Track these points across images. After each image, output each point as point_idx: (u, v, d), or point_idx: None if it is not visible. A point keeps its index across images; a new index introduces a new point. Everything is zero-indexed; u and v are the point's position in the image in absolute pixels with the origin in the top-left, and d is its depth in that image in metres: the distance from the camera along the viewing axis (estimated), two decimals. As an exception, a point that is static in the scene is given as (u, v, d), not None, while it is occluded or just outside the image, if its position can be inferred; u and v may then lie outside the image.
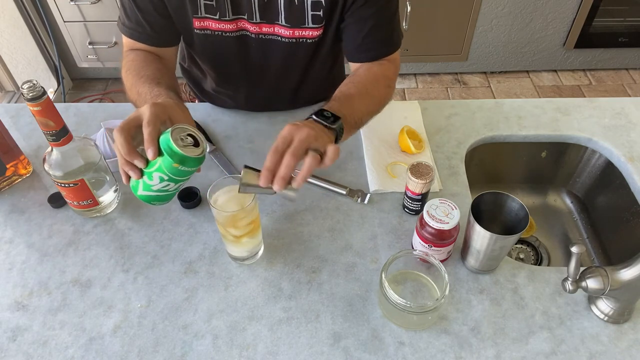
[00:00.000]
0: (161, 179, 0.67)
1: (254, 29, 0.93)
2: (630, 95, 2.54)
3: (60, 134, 0.78)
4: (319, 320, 0.76)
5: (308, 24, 0.91)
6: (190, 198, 0.92)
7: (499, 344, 0.73)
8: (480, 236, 0.74)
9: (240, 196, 0.77)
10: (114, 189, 0.92)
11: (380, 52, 0.95)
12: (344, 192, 0.95)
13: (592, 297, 0.78)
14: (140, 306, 0.79)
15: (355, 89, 0.88)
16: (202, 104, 1.17)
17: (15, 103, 1.53)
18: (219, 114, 1.13)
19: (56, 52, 2.43)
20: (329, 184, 0.95)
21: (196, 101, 1.23)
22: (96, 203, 0.89)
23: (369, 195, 0.94)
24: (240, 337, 0.75)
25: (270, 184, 0.67)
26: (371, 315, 0.77)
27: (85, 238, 0.88)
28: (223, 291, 0.80)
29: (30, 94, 0.71)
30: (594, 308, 0.77)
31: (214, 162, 1.00)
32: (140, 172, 0.68)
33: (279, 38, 0.94)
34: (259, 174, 0.67)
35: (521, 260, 1.08)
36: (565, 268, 0.74)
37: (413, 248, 0.84)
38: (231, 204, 0.77)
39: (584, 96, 2.54)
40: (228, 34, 0.93)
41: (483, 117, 1.11)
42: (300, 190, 0.69)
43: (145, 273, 0.83)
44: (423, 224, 0.78)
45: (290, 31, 0.92)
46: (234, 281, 0.82)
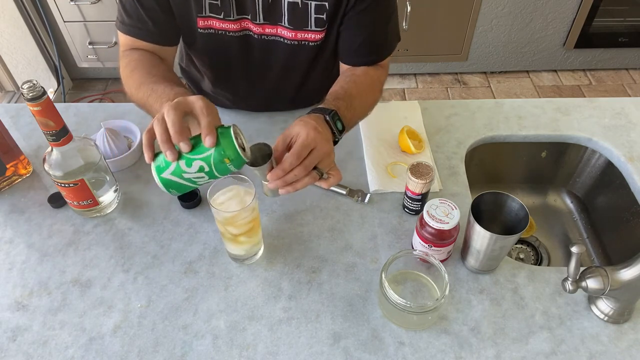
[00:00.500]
0: (200, 169, 0.65)
1: (257, 30, 0.93)
2: (630, 95, 2.54)
3: (60, 134, 0.78)
4: (319, 320, 0.76)
5: (311, 27, 0.91)
6: (191, 198, 0.92)
7: (499, 344, 0.73)
8: (480, 236, 0.74)
9: (240, 196, 0.77)
10: (114, 189, 0.92)
11: (375, 58, 0.97)
12: (344, 192, 0.95)
13: (592, 297, 0.78)
14: (140, 306, 0.79)
15: (356, 90, 0.88)
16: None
17: (15, 103, 1.53)
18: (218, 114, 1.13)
19: (56, 52, 2.43)
20: (329, 184, 0.96)
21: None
22: (96, 203, 0.89)
23: (369, 195, 0.94)
24: (240, 337, 0.75)
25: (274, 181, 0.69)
26: (371, 315, 0.77)
27: (85, 238, 0.88)
28: (223, 291, 0.80)
29: (30, 94, 0.71)
30: (594, 308, 0.77)
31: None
32: (177, 156, 0.65)
33: (282, 40, 0.94)
34: (269, 164, 0.69)
35: (521, 260, 1.08)
36: (565, 268, 0.74)
37: (413, 248, 0.84)
38: (231, 203, 0.77)
39: (584, 96, 2.54)
40: (231, 33, 0.93)
41: (483, 117, 1.11)
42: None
43: (145, 273, 0.83)
44: (423, 224, 0.78)
45: (293, 33, 0.92)
46: (234, 281, 0.82)
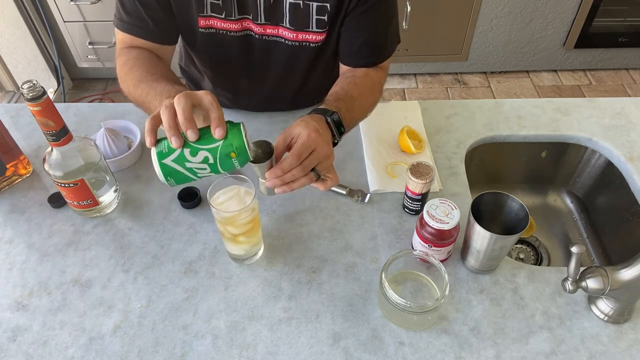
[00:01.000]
0: (205, 160, 0.65)
1: (258, 30, 0.93)
2: (630, 95, 2.54)
3: (60, 134, 0.78)
4: (319, 320, 0.76)
5: (312, 28, 0.91)
6: (191, 198, 0.92)
7: (499, 344, 0.73)
8: (480, 236, 0.74)
9: (240, 196, 0.77)
10: (114, 189, 0.92)
11: (375, 60, 0.97)
12: (344, 192, 0.95)
13: (592, 297, 0.78)
14: (140, 306, 0.79)
15: (357, 91, 0.89)
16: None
17: (15, 103, 1.53)
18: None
19: (56, 52, 2.43)
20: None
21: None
22: (96, 203, 0.89)
23: (369, 195, 0.94)
24: (240, 337, 0.75)
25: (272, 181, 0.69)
26: (371, 315, 0.77)
27: (85, 238, 0.88)
28: (223, 291, 0.80)
29: (30, 94, 0.71)
30: (594, 308, 0.77)
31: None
32: (183, 143, 0.65)
33: (283, 40, 0.94)
34: (269, 162, 0.69)
35: (521, 260, 1.08)
36: (565, 268, 0.74)
37: (413, 248, 0.84)
38: (231, 203, 0.77)
39: (584, 96, 2.54)
40: (232, 33, 0.93)
41: (483, 117, 1.11)
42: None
43: (145, 273, 0.83)
44: (423, 224, 0.78)
45: (294, 34, 0.92)
46: (234, 281, 0.82)
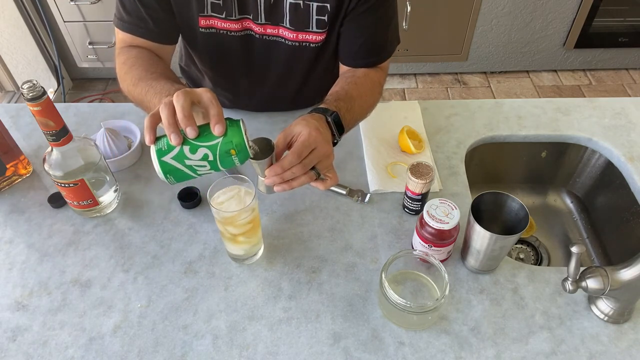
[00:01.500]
0: (204, 157, 0.64)
1: (259, 30, 0.93)
2: (630, 95, 2.54)
3: (60, 134, 0.78)
4: (319, 320, 0.76)
5: (312, 28, 0.91)
6: (191, 198, 0.92)
7: (499, 344, 0.73)
8: (480, 236, 0.74)
9: (240, 196, 0.77)
10: (114, 189, 0.92)
11: (375, 60, 0.97)
12: (344, 192, 0.95)
13: (592, 297, 0.78)
14: (140, 306, 0.79)
15: (357, 91, 0.89)
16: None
17: (15, 103, 1.53)
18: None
19: (56, 52, 2.43)
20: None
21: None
22: (96, 203, 0.89)
23: (369, 195, 0.94)
24: (240, 337, 0.75)
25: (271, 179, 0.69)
26: (371, 315, 0.77)
27: (85, 238, 0.88)
28: (223, 291, 0.80)
29: (30, 94, 0.71)
30: (594, 308, 0.77)
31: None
32: (182, 140, 0.65)
33: (283, 40, 0.94)
34: (269, 159, 0.69)
35: (521, 260, 1.08)
36: (565, 268, 0.74)
37: (413, 248, 0.84)
38: (231, 203, 0.77)
39: (584, 96, 2.54)
40: (233, 33, 0.93)
41: (483, 117, 1.11)
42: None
43: (145, 273, 0.83)
44: (423, 224, 0.78)
45: (294, 34, 0.92)
46: (234, 281, 0.82)
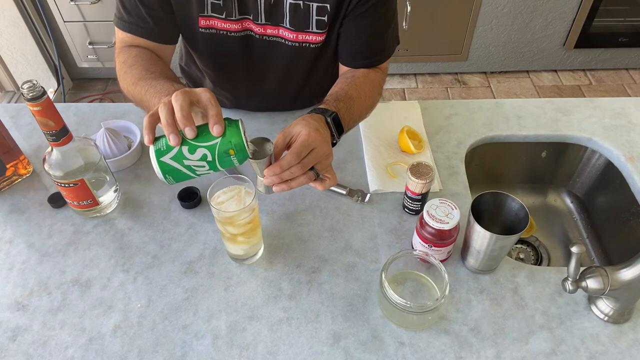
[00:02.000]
0: (203, 157, 0.64)
1: (259, 30, 0.93)
2: (630, 95, 2.54)
3: (60, 134, 0.78)
4: (319, 320, 0.76)
5: (312, 29, 0.91)
6: (190, 198, 0.92)
7: (499, 344, 0.73)
8: (480, 236, 0.74)
9: (240, 196, 0.77)
10: (114, 189, 0.92)
11: (375, 61, 0.97)
12: (344, 192, 0.95)
13: (592, 297, 0.78)
14: (140, 306, 0.79)
15: (356, 92, 0.88)
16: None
17: (15, 103, 1.53)
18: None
19: (56, 52, 2.43)
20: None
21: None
22: (96, 203, 0.89)
23: (369, 195, 0.94)
24: (240, 337, 0.75)
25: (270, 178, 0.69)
26: (371, 315, 0.77)
27: (85, 238, 0.88)
28: (223, 291, 0.80)
29: (30, 94, 0.71)
30: (594, 308, 0.77)
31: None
32: (181, 140, 0.64)
33: (283, 41, 0.94)
34: (268, 159, 0.68)
35: (521, 260, 1.08)
36: (565, 268, 0.74)
37: (413, 248, 0.84)
38: (231, 203, 0.77)
39: (584, 96, 2.54)
40: (233, 33, 0.93)
41: (483, 117, 1.11)
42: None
43: (145, 273, 0.83)
44: (423, 224, 0.78)
45: (294, 34, 0.92)
46: (234, 281, 0.82)
